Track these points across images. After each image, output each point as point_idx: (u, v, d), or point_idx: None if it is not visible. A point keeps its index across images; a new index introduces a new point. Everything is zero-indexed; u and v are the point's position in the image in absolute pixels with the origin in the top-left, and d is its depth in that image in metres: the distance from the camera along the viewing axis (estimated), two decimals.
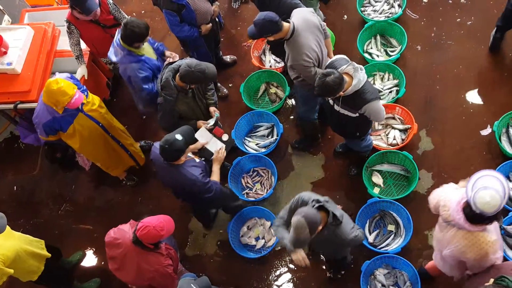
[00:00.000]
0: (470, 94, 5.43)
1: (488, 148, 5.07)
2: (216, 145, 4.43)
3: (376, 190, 5.01)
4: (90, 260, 5.40)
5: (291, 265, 4.92)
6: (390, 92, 5.51)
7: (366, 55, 5.75)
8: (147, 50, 4.65)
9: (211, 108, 4.62)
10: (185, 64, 4.12)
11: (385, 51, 5.83)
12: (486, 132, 5.15)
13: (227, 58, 6.22)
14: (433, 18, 6.03)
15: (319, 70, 4.26)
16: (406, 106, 5.27)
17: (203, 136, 4.38)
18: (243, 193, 5.29)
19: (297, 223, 3.15)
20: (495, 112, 5.14)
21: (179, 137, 3.78)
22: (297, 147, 5.50)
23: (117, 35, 4.55)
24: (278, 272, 4.93)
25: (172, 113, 4.36)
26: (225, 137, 4.52)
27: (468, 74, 5.55)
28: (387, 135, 5.26)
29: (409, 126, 5.20)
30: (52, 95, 4.24)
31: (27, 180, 6.02)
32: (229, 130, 5.40)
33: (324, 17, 5.84)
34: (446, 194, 3.35)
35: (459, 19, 5.95)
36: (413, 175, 4.93)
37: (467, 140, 5.16)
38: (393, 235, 4.74)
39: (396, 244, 4.65)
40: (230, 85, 6.12)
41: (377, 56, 5.78)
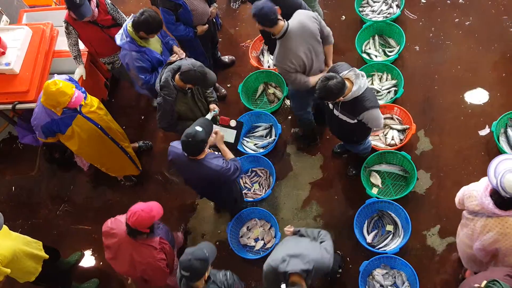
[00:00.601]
0: (469, 95, 5.43)
1: (487, 149, 5.08)
2: (228, 134, 4.41)
3: (375, 191, 5.01)
4: (89, 261, 5.39)
5: None
6: (389, 93, 5.51)
7: (365, 56, 5.75)
8: (154, 44, 4.66)
9: (211, 105, 4.63)
10: (189, 62, 4.16)
11: (384, 52, 5.83)
12: (485, 133, 5.16)
13: (226, 59, 6.22)
14: (432, 19, 6.04)
15: (302, 78, 4.32)
16: (405, 107, 5.27)
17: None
18: (242, 193, 5.27)
19: None
20: (494, 113, 5.15)
21: (199, 128, 3.78)
22: (296, 138, 5.49)
23: (128, 20, 4.56)
24: None
25: (172, 113, 4.36)
26: (233, 123, 4.51)
27: (467, 75, 5.55)
28: (386, 136, 5.26)
29: (408, 127, 5.20)
30: (52, 97, 4.23)
31: (26, 181, 6.01)
32: None
33: (324, 18, 5.83)
34: (469, 186, 3.36)
35: (458, 20, 5.95)
36: (412, 176, 4.94)
37: (466, 141, 5.17)
38: (392, 236, 4.74)
39: (395, 245, 4.65)
40: (229, 86, 6.12)
41: (376, 57, 5.78)
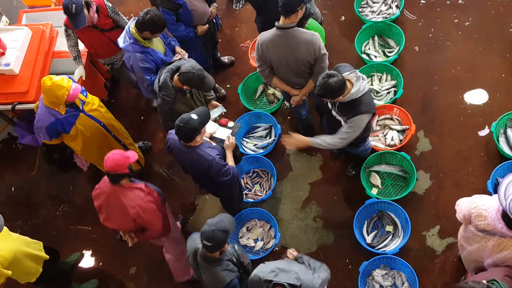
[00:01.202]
0: (468, 95, 5.44)
1: (486, 149, 5.08)
2: (224, 133, 4.43)
3: (374, 191, 5.01)
4: (88, 261, 5.39)
5: None
6: (388, 93, 5.51)
7: (364, 56, 5.76)
8: (156, 45, 4.67)
9: (214, 103, 4.63)
10: (189, 65, 4.17)
11: (383, 52, 5.83)
12: (484, 133, 5.16)
13: (225, 59, 6.22)
14: (431, 19, 6.04)
15: (266, 73, 4.43)
16: (404, 107, 5.27)
17: (210, 127, 4.38)
18: (243, 193, 5.27)
19: None
20: (493, 113, 5.15)
21: (195, 116, 3.80)
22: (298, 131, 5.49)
23: (130, 23, 4.57)
24: None
25: (172, 114, 4.36)
26: (231, 124, 4.53)
27: (466, 75, 5.55)
28: (385, 136, 5.26)
29: (407, 127, 5.21)
30: (50, 92, 4.25)
31: (25, 181, 6.02)
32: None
33: (322, 18, 5.84)
34: (478, 204, 3.29)
35: (457, 20, 5.96)
36: (411, 176, 4.94)
37: (465, 141, 5.17)
38: (391, 236, 4.74)
39: (394, 245, 4.65)
40: (228, 86, 6.12)
41: (375, 57, 5.79)
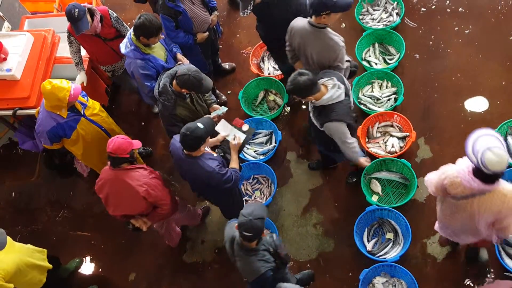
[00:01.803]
0: (468, 103, 5.44)
1: None
2: (237, 136, 4.42)
3: (375, 198, 5.00)
4: (88, 267, 5.38)
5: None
6: (389, 100, 5.51)
7: (365, 63, 5.77)
8: (158, 51, 4.68)
9: (215, 106, 4.63)
10: (185, 67, 4.18)
11: (384, 59, 5.84)
12: None
13: (226, 65, 6.24)
14: (431, 27, 6.06)
15: (290, 55, 4.41)
16: (405, 114, 5.28)
17: (224, 129, 4.38)
18: (243, 200, 5.27)
19: None
20: (493, 121, 5.15)
21: (201, 125, 3.80)
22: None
23: (132, 29, 4.58)
24: None
25: (173, 118, 4.38)
26: (245, 127, 4.50)
27: (467, 83, 5.56)
28: (386, 143, 5.26)
29: (408, 134, 5.21)
30: (51, 95, 4.26)
31: (25, 186, 6.01)
32: None
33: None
34: (447, 173, 3.36)
35: (457, 28, 5.98)
36: (412, 183, 4.93)
37: None
38: (392, 243, 4.73)
39: (395, 253, 4.64)
40: (229, 92, 6.13)
41: (376, 64, 5.80)
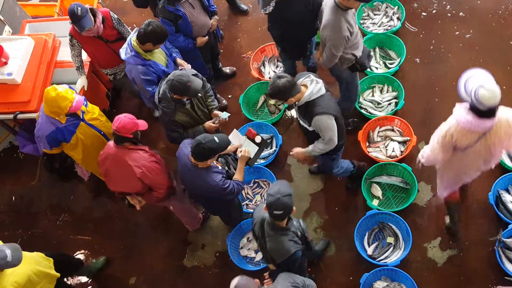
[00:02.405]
0: None
1: None
2: (250, 147, 4.38)
3: (375, 202, 5.00)
4: (88, 271, 5.36)
5: None
6: (389, 104, 5.52)
7: None
8: (158, 57, 4.69)
9: (216, 112, 4.62)
10: (172, 72, 4.21)
11: (384, 64, 5.85)
12: None
13: (227, 70, 6.25)
14: (432, 31, 6.07)
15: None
16: (405, 118, 5.28)
17: (236, 139, 4.36)
18: (243, 204, 5.27)
19: None
20: None
21: (217, 140, 3.82)
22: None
23: (131, 35, 4.60)
24: None
25: (173, 124, 4.38)
26: (258, 139, 4.45)
27: None
28: (386, 147, 5.26)
29: (408, 138, 5.21)
30: (53, 103, 4.28)
31: (26, 190, 6.01)
32: None
33: None
34: (447, 131, 3.55)
35: (458, 32, 5.98)
36: (412, 188, 4.93)
37: None
38: (392, 248, 4.72)
39: (395, 257, 4.63)
40: (230, 96, 6.14)
41: (376, 69, 5.81)
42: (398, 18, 6.06)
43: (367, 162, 5.12)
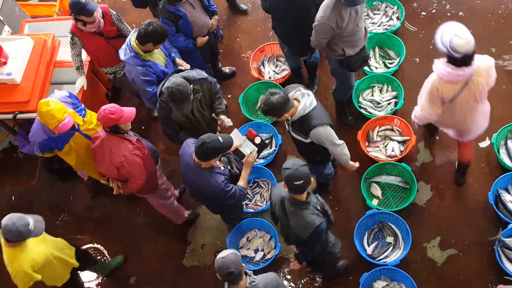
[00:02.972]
0: None
1: (487, 161, 5.08)
2: (249, 148, 4.41)
3: (375, 202, 5.00)
4: (88, 272, 5.36)
5: (289, 276, 4.91)
6: (389, 104, 5.52)
7: (365, 67, 5.77)
8: (157, 57, 4.69)
9: (222, 117, 4.63)
10: (173, 81, 4.16)
11: (384, 63, 5.85)
12: (485, 145, 5.16)
13: (226, 69, 6.25)
14: (432, 31, 5.99)
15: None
16: (405, 118, 5.27)
17: (236, 138, 4.36)
18: (242, 204, 5.26)
19: None
20: (494, 125, 5.13)
21: (221, 140, 3.83)
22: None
23: (131, 35, 4.61)
24: None
25: (168, 120, 4.41)
26: (258, 140, 4.46)
27: None
28: (386, 147, 5.26)
29: (408, 138, 5.21)
30: (42, 116, 4.19)
31: (25, 190, 6.01)
32: None
33: None
34: (427, 88, 3.90)
35: None
36: (412, 187, 4.93)
37: None
38: (392, 247, 4.73)
39: (395, 256, 4.64)
40: (229, 96, 6.13)
41: (376, 68, 5.81)
42: (398, 18, 6.06)
43: (367, 162, 5.11)
